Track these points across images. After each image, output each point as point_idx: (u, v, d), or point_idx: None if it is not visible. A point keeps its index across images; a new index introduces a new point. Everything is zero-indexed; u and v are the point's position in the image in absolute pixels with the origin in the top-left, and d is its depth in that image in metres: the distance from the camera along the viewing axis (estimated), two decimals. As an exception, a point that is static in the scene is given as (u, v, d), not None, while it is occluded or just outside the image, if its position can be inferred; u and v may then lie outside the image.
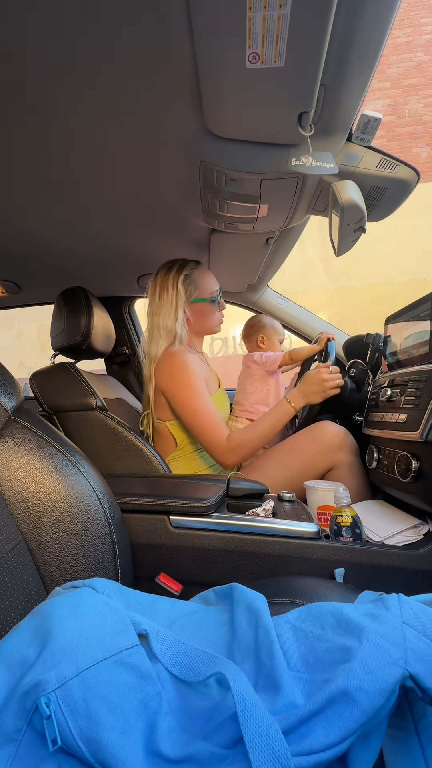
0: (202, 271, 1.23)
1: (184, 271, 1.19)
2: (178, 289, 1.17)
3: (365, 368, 1.31)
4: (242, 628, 0.42)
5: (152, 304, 1.20)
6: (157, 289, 1.19)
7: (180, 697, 0.36)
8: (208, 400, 1.12)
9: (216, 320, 1.27)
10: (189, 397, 1.10)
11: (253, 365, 1.41)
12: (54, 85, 0.59)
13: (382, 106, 5.83)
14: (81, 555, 0.62)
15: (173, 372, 1.12)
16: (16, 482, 0.61)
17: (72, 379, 1.16)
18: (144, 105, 0.64)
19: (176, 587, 0.76)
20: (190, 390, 1.11)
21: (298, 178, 0.78)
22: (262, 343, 1.47)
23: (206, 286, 1.22)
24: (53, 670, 0.34)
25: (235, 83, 0.57)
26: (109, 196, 0.92)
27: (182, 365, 1.12)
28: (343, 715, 0.30)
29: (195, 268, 1.21)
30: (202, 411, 1.10)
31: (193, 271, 1.20)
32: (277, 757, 0.28)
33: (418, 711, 0.35)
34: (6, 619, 0.51)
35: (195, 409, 1.10)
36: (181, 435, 1.18)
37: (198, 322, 1.22)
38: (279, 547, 0.78)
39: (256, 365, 1.40)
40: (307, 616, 0.41)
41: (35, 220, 1.01)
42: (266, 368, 1.38)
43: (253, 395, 1.38)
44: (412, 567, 0.76)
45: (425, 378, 0.84)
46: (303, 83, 0.57)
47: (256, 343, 1.49)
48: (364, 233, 0.81)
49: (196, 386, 1.11)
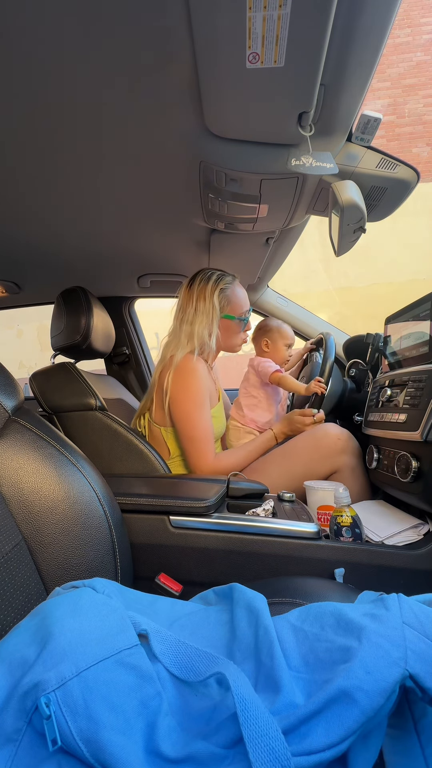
0: (236, 286, 1.23)
1: (220, 284, 1.18)
2: (213, 302, 1.17)
3: (365, 368, 1.31)
4: (242, 628, 0.42)
5: (186, 312, 1.18)
6: (194, 298, 1.18)
7: (180, 697, 0.36)
8: (207, 415, 1.12)
9: (239, 340, 1.27)
10: (190, 408, 1.10)
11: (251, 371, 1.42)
12: (54, 86, 0.59)
13: (382, 106, 5.84)
14: (81, 555, 0.62)
15: (183, 377, 1.11)
16: (16, 482, 0.61)
17: (72, 379, 1.16)
18: (144, 105, 0.64)
19: (176, 587, 0.76)
20: (192, 401, 1.10)
21: (298, 178, 0.78)
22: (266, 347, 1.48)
23: (238, 304, 1.22)
24: (53, 670, 0.34)
25: (235, 83, 0.57)
26: (109, 196, 0.92)
27: (194, 374, 1.11)
28: (343, 715, 0.30)
29: (231, 283, 1.21)
30: (198, 424, 1.10)
31: (228, 286, 1.20)
32: (277, 757, 0.28)
33: (418, 711, 0.35)
34: (6, 619, 0.51)
35: (193, 420, 1.10)
36: (174, 445, 1.17)
37: (222, 337, 1.22)
38: (279, 547, 0.78)
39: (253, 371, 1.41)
40: (307, 616, 0.41)
41: (35, 220, 1.01)
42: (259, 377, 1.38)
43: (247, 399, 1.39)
44: (412, 567, 0.76)
45: (425, 378, 0.84)
46: (303, 83, 0.57)
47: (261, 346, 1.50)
48: (364, 233, 0.81)
49: (200, 398, 1.11)
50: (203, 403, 1.11)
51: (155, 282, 1.56)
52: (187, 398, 1.10)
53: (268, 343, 1.47)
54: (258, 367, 1.36)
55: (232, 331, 1.23)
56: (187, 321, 1.17)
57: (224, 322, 1.20)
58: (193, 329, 1.16)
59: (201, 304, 1.17)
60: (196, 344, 1.15)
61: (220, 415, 1.25)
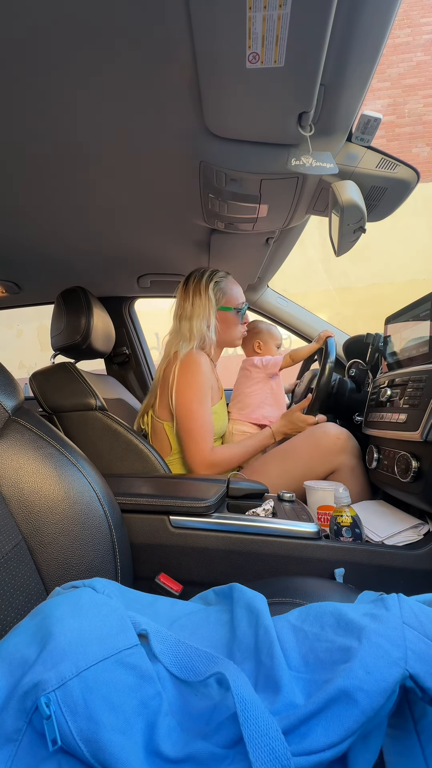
0: (230, 281, 1.28)
1: (214, 278, 1.23)
2: (209, 295, 1.21)
3: (365, 368, 1.31)
4: (242, 628, 0.42)
5: (184, 308, 1.22)
6: (190, 295, 1.22)
7: (180, 697, 0.36)
8: (207, 409, 1.14)
9: (238, 332, 1.30)
10: (191, 399, 1.12)
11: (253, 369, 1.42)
12: (54, 86, 0.59)
13: (382, 106, 5.83)
14: (81, 555, 0.62)
15: (187, 371, 1.14)
16: (16, 482, 0.61)
17: (72, 379, 1.16)
18: (144, 105, 0.64)
19: (176, 587, 0.76)
20: (194, 393, 1.12)
21: (298, 178, 0.78)
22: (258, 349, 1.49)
23: (233, 296, 1.26)
24: (53, 670, 0.34)
25: (235, 83, 0.57)
26: (109, 196, 0.92)
27: (198, 368, 1.14)
28: (343, 715, 0.30)
29: (224, 277, 1.26)
30: (197, 416, 1.12)
31: (222, 279, 1.25)
32: (277, 757, 0.28)
33: (418, 711, 0.35)
34: (6, 619, 0.51)
35: (192, 412, 1.12)
36: (176, 441, 1.18)
37: (221, 330, 1.24)
38: (279, 547, 0.78)
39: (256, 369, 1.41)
40: (307, 616, 0.41)
41: (35, 220, 1.01)
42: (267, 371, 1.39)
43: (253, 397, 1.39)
44: (412, 567, 0.76)
45: (425, 378, 0.84)
46: (303, 83, 0.57)
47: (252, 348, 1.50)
48: (364, 233, 0.81)
49: (202, 392, 1.13)
50: (204, 397, 1.13)
51: (155, 282, 1.56)
52: (190, 391, 1.12)
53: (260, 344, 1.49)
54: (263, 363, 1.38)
55: (231, 323, 1.27)
56: (185, 317, 1.21)
57: (221, 314, 1.24)
58: (192, 324, 1.19)
59: (197, 299, 1.21)
60: (197, 338, 1.19)
61: (222, 411, 1.26)
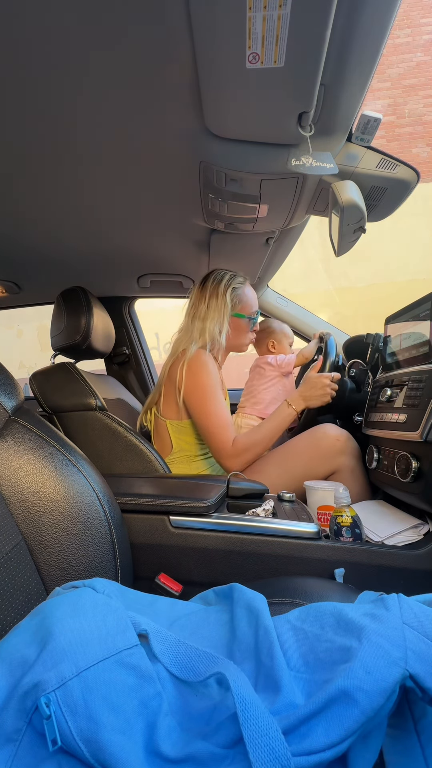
0: (248, 287, 1.28)
1: (233, 283, 1.23)
2: (226, 300, 1.21)
3: (365, 368, 1.30)
4: (242, 628, 0.42)
5: (198, 308, 1.22)
6: (207, 296, 1.22)
7: (180, 697, 0.36)
8: (220, 403, 1.15)
9: (247, 340, 1.31)
10: (202, 398, 1.13)
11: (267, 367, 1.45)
12: (54, 85, 0.59)
13: (382, 106, 5.83)
14: (81, 555, 0.62)
15: (195, 370, 1.14)
16: (16, 482, 0.61)
17: (72, 379, 1.16)
18: (144, 105, 0.64)
19: (176, 587, 0.76)
20: (204, 391, 1.13)
21: (298, 178, 0.78)
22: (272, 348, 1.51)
23: (249, 303, 1.27)
24: (53, 670, 0.34)
25: (235, 83, 0.57)
26: (109, 196, 0.92)
27: (205, 367, 1.15)
28: (343, 715, 0.30)
29: (242, 283, 1.26)
30: (212, 413, 1.12)
31: (240, 285, 1.25)
32: (277, 757, 0.28)
33: (418, 711, 0.35)
34: (6, 619, 0.51)
35: (207, 409, 1.13)
36: (177, 440, 1.19)
37: (231, 335, 1.25)
38: (279, 547, 0.78)
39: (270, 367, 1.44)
40: (307, 616, 0.41)
41: (35, 220, 1.01)
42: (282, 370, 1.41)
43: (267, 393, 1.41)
44: (412, 567, 0.76)
45: (425, 378, 0.84)
46: (303, 83, 0.57)
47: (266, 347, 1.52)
48: (364, 233, 0.81)
49: (212, 389, 1.14)
50: (215, 392, 1.14)
51: (155, 282, 1.56)
52: (201, 391, 1.13)
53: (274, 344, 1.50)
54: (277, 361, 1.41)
55: (241, 330, 1.27)
56: (199, 317, 1.21)
57: (234, 320, 1.24)
58: (205, 325, 1.20)
59: (213, 302, 1.21)
60: (207, 340, 1.19)
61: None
